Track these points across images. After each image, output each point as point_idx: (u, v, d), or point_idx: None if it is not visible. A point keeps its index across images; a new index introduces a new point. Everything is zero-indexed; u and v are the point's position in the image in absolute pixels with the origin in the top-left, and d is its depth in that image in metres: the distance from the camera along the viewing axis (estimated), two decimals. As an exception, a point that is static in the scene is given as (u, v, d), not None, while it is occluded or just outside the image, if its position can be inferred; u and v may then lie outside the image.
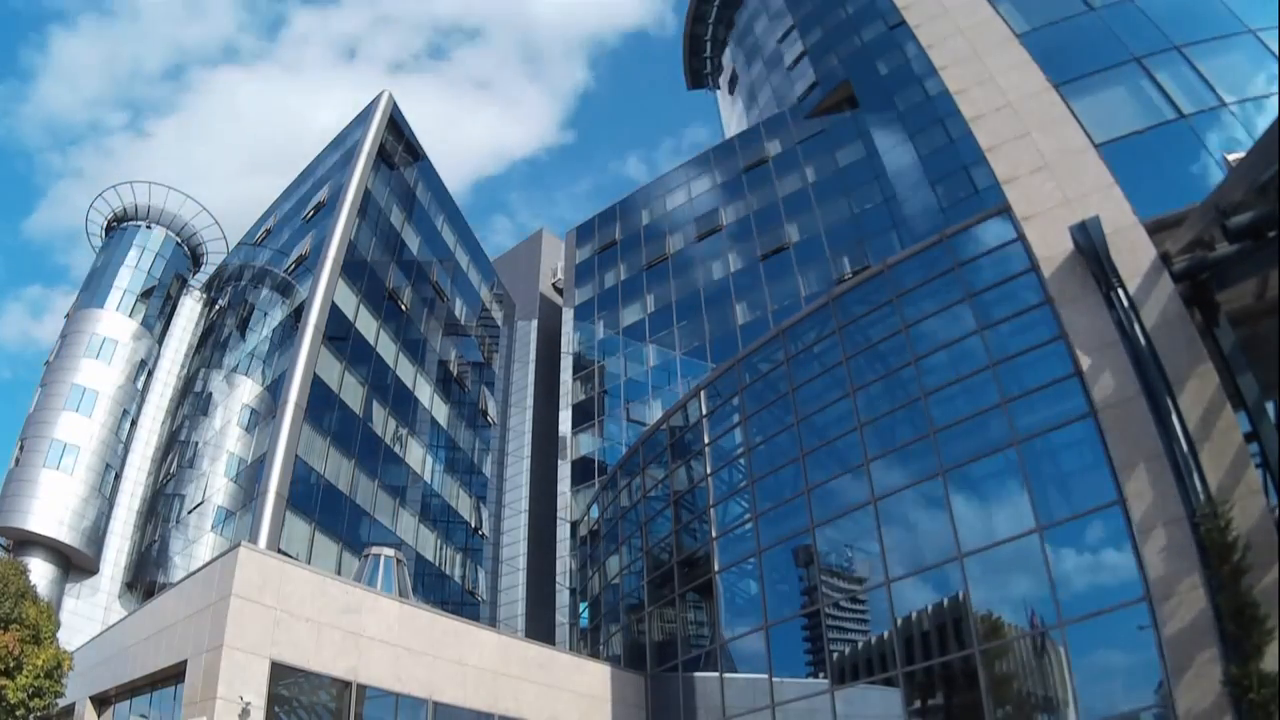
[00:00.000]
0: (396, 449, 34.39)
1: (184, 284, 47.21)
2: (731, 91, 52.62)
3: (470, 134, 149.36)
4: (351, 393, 31.87)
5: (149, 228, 46.31)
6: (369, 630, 17.89)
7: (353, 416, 31.72)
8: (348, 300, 32.85)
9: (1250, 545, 12.87)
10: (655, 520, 27.27)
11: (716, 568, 23.39)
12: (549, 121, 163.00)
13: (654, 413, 36.04)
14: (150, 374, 43.25)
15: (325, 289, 31.22)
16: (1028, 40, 21.05)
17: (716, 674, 22.18)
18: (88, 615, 35.29)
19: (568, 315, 45.23)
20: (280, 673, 16.02)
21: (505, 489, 43.64)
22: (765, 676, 20.58)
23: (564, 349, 44.09)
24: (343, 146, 39.53)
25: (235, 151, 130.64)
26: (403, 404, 35.59)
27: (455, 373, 41.45)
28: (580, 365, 42.73)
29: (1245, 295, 15.08)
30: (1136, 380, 15.24)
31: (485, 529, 41.11)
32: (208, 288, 47.72)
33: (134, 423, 41.48)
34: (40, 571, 33.66)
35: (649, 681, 24.38)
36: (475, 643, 20.70)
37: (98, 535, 37.77)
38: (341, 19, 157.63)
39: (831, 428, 21.22)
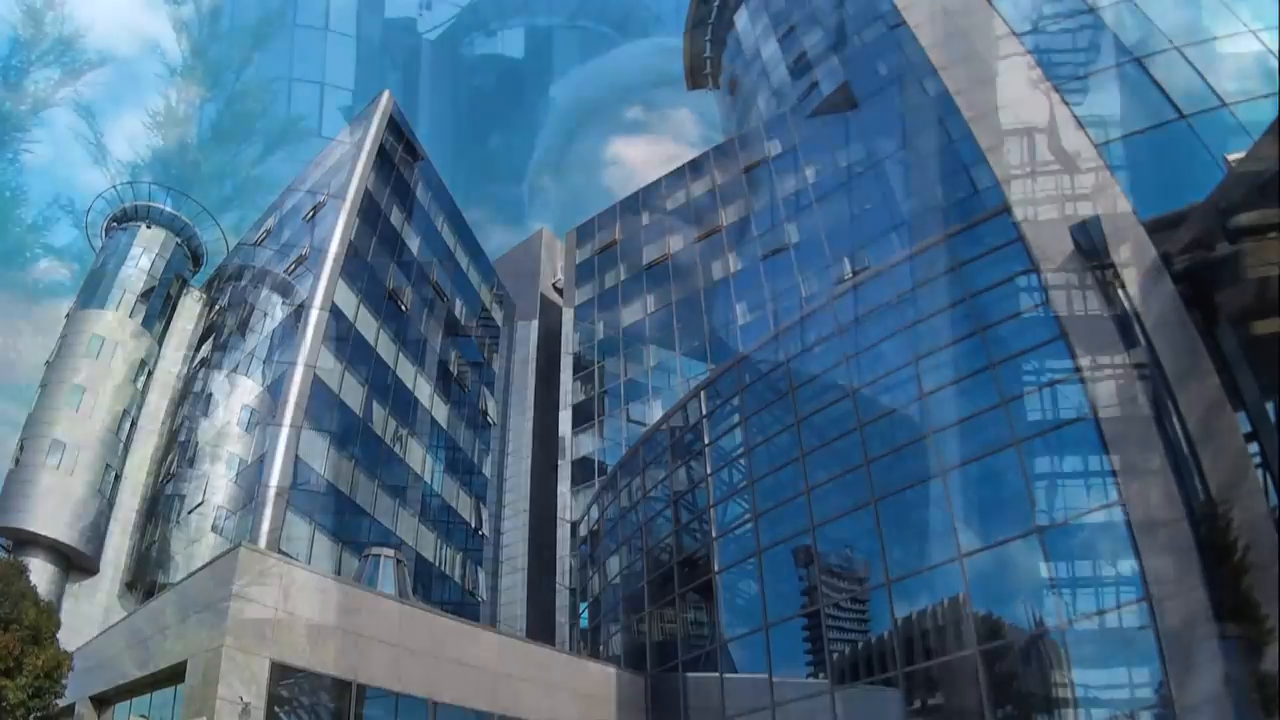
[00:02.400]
0: (396, 449, 34.37)
1: (184, 284, 47.05)
2: (731, 92, 52.55)
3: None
4: (351, 393, 31.86)
5: (149, 227, 46.19)
6: (369, 630, 17.87)
7: (353, 416, 31.71)
8: (348, 300, 32.84)
9: (1250, 545, 12.87)
10: (655, 520, 27.26)
11: (716, 568, 23.38)
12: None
13: (654, 413, 36.01)
14: (150, 374, 43.13)
15: (325, 289, 31.23)
16: (1028, 40, 21.07)
17: (717, 674, 22.17)
18: (88, 615, 35.19)
19: (568, 315, 45.18)
20: (280, 673, 15.99)
21: (505, 489, 43.61)
22: (765, 676, 20.57)
23: (564, 349, 44.03)
24: (343, 146, 39.52)
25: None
26: (403, 404, 35.57)
27: (455, 373, 41.43)
28: (580, 365, 42.69)
29: (1245, 295, 15.08)
30: (1136, 380, 15.24)
31: (485, 529, 41.08)
32: (208, 288, 47.64)
33: (134, 423, 41.39)
34: (40, 571, 33.57)
35: (649, 681, 24.35)
36: (475, 643, 20.68)
37: (98, 535, 37.68)
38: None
39: (831, 428, 21.23)
